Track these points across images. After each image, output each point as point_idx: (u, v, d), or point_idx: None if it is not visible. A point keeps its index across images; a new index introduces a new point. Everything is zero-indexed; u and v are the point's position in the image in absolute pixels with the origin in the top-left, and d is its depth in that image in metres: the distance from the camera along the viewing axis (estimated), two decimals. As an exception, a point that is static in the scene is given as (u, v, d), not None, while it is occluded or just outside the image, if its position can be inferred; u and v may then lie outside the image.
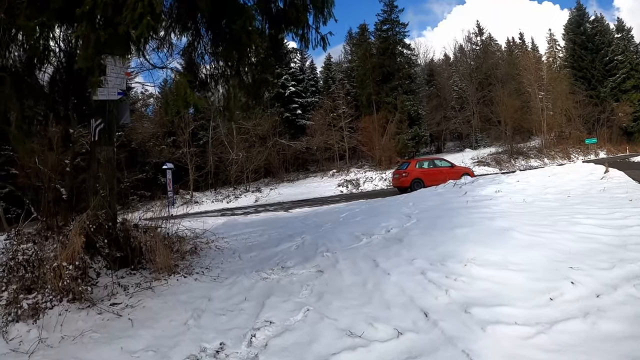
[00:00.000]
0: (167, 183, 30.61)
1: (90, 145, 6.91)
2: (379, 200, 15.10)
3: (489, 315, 3.89)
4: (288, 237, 9.16)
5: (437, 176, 20.37)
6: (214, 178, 38.36)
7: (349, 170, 40.22)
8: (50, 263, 5.06)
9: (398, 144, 40.82)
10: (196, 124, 39.21)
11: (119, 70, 6.74)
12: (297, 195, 29.48)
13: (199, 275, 6.31)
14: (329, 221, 10.79)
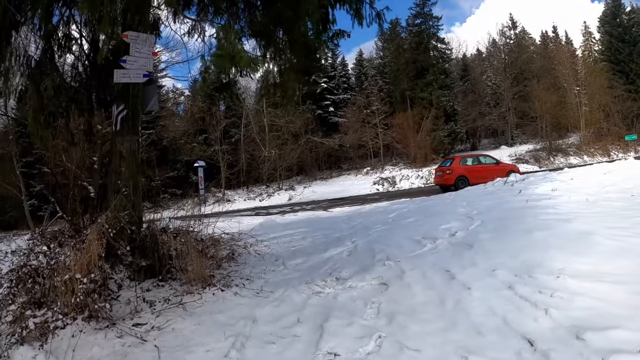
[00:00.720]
0: (199, 181, 30.45)
1: (112, 135, 6.06)
2: (425, 199, 13.99)
3: (605, 341, 3.15)
4: (336, 241, 8.15)
5: (482, 173, 19.38)
6: (246, 176, 38.12)
7: (383, 168, 39.25)
8: (62, 274, 4.10)
9: (434, 141, 39.40)
10: (228, 121, 39.02)
11: (145, 49, 5.82)
12: (332, 193, 28.70)
13: (239, 288, 5.34)
14: (378, 222, 9.75)
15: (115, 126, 5.87)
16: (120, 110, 5.84)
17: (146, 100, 6.35)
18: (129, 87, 5.87)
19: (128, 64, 5.64)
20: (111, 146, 6.01)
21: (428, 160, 37.59)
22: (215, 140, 36.13)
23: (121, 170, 5.68)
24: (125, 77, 5.63)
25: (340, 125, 42.46)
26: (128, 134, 5.86)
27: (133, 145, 5.91)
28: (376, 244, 7.20)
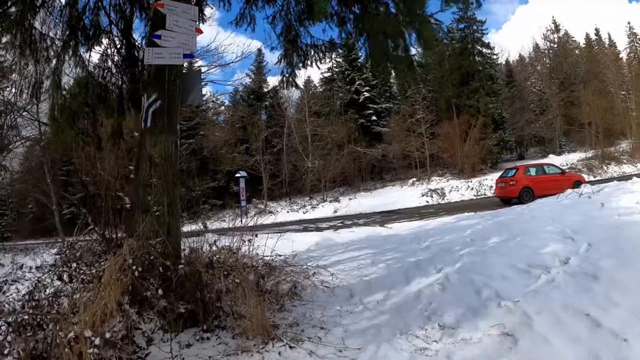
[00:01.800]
0: (240, 192, 30.21)
1: (140, 134, 4.88)
2: (496, 214, 12.45)
3: None
4: (415, 267, 6.75)
5: (548, 184, 17.89)
6: (289, 187, 37.95)
7: (429, 178, 37.94)
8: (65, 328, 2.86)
9: (482, 150, 37.71)
10: (270, 131, 38.82)
11: (186, 22, 4.64)
12: (379, 205, 27.33)
13: (314, 344, 3.94)
14: (456, 243, 8.31)
15: (145, 122, 4.71)
16: (152, 102, 4.69)
17: (187, 89, 5.16)
18: (164, 72, 4.72)
19: (164, 39, 4.46)
20: (138, 149, 4.84)
21: (476, 170, 36.19)
22: (257, 150, 36.19)
23: (152, 182, 4.49)
24: (159, 57, 4.47)
25: (384, 135, 41.79)
26: (162, 133, 4.69)
27: (169, 148, 4.72)
28: (473, 274, 5.75)
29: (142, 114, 4.78)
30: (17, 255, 18.49)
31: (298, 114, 40.86)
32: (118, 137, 6.64)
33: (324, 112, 41.06)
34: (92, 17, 6.35)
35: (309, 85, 43.73)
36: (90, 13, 6.37)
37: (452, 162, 38.98)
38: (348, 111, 41.71)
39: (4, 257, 17.42)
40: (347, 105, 42.18)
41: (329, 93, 45.20)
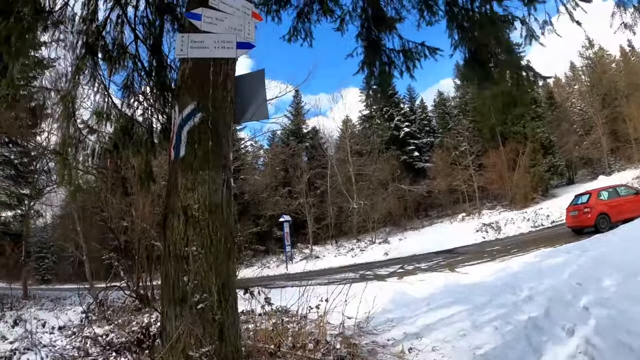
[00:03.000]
0: (285, 237, 29.62)
1: (169, 170, 3.46)
2: (580, 248, 10.89)
3: None
4: (535, 330, 5.28)
5: (624, 207, 16.46)
6: (335, 229, 37.26)
7: (480, 212, 36.36)
8: None
9: (533, 178, 35.93)
10: (312, 172, 38.48)
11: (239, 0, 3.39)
12: (432, 245, 25.62)
13: None
14: (563, 290, 6.82)
15: (176, 149, 3.35)
16: (188, 116, 3.32)
17: (244, 97, 3.74)
18: (207, 70, 3.40)
19: (206, 21, 3.26)
20: (167, 195, 3.44)
21: (528, 199, 34.59)
22: (300, 193, 35.83)
23: (189, 252, 3.06)
24: (199, 47, 3.27)
25: (428, 170, 41.28)
26: (205, 167, 3.28)
27: (217, 193, 3.29)
28: (622, 334, 4.30)
29: (172, 136, 3.39)
30: (45, 304, 18.05)
31: (339, 153, 40.37)
32: (148, 179, 5.43)
33: (365, 151, 40.64)
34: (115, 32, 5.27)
35: (348, 124, 43.45)
36: (112, 28, 5.30)
37: (502, 192, 37.57)
38: (389, 148, 41.21)
39: (32, 307, 16.62)
40: (387, 143, 41.74)
41: (368, 131, 44.88)
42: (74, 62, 5.48)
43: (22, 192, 25.76)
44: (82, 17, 5.43)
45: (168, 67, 5.69)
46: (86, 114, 6.19)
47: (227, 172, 3.44)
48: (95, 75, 5.53)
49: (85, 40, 5.25)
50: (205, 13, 3.36)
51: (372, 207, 34.32)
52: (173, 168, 3.39)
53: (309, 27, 7.28)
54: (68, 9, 5.42)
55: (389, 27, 6.46)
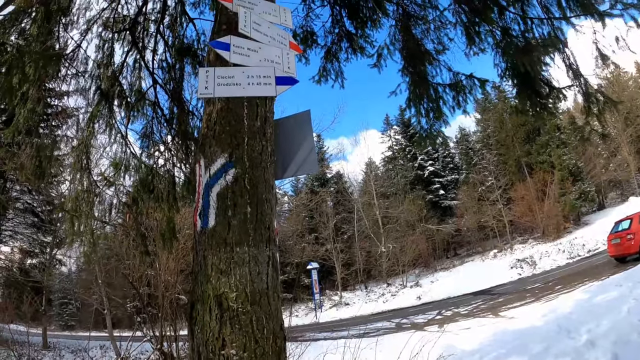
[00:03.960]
0: (313, 284, 29.10)
1: (194, 245, 2.73)
2: (631, 278, 10.10)
3: None
4: None
5: None
6: (364, 274, 36.56)
7: (512, 247, 35.12)
8: None
9: (565, 207, 34.86)
10: (338, 217, 38.23)
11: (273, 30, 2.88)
12: (467, 285, 24.78)
13: None
14: (627, 331, 6.17)
15: (204, 218, 2.62)
16: (217, 174, 2.63)
17: (288, 146, 3.01)
18: (240, 114, 2.74)
19: (235, 52, 2.59)
20: (193, 280, 2.67)
21: (561, 230, 33.40)
22: (327, 238, 35.26)
23: (227, 355, 2.31)
24: (228, 83, 2.57)
25: (455, 208, 40.78)
26: (243, 241, 2.52)
27: (260, 277, 2.51)
28: None
29: (197, 198, 2.69)
30: (65, 356, 17.86)
31: (365, 197, 40.06)
32: (170, 237, 4.87)
33: (391, 192, 40.67)
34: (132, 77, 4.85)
35: (372, 166, 43.47)
36: (130, 73, 4.89)
37: (533, 225, 36.32)
38: (414, 188, 41.24)
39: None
40: (412, 183, 41.84)
41: (392, 172, 44.90)
42: (88, 109, 5.09)
43: (44, 240, 25.66)
44: (96, 61, 5.05)
45: (190, 113, 5.28)
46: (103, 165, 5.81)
47: (272, 246, 2.68)
48: (112, 124, 5.12)
49: (100, 86, 4.83)
50: (235, 42, 2.72)
51: (401, 250, 33.75)
52: (200, 242, 2.63)
53: (339, 66, 6.88)
54: (80, 52, 5.07)
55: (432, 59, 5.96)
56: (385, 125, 49.51)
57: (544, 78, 5.68)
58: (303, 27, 6.84)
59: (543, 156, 37.46)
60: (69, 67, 5.05)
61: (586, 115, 5.40)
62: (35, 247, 26.24)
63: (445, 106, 6.03)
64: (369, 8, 6.48)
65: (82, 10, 5.29)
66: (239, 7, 2.74)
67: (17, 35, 4.48)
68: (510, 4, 5.45)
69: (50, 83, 5.33)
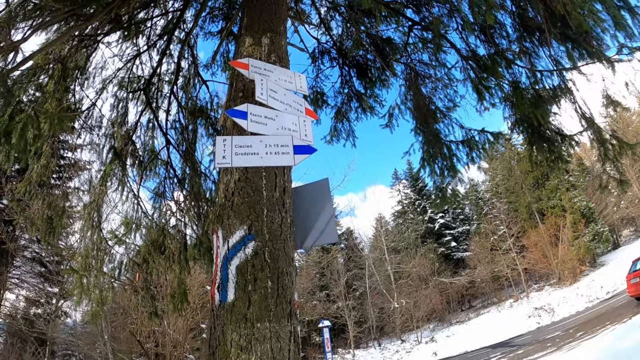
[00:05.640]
0: (325, 342, 27.76)
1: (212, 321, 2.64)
2: None
3: None
4: None
5: None
6: (377, 331, 36.13)
7: (528, 295, 34.66)
8: None
9: (580, 250, 34.18)
10: (349, 274, 37.89)
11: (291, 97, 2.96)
12: (484, 339, 24.22)
13: None
14: None
15: (223, 292, 2.55)
16: (237, 246, 2.57)
17: (306, 218, 2.95)
18: (259, 184, 2.74)
19: (253, 120, 2.59)
20: (210, 352, 2.56)
21: (577, 273, 32.92)
22: (339, 296, 34.83)
23: None
24: (245, 153, 2.58)
25: (467, 260, 40.64)
26: (264, 318, 2.45)
27: (280, 354, 2.45)
28: None
29: (215, 271, 2.62)
30: None
31: (376, 252, 39.78)
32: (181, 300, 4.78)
33: (402, 247, 40.46)
34: (146, 137, 4.90)
35: (382, 221, 43.32)
36: (143, 132, 4.94)
37: (548, 271, 36.09)
38: (425, 242, 41.06)
39: None
40: (423, 236, 41.72)
41: (402, 226, 44.95)
42: (101, 167, 5.14)
43: (50, 291, 25.39)
44: (110, 119, 5.14)
45: (202, 174, 5.29)
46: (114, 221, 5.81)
47: (294, 320, 2.62)
48: (124, 182, 5.14)
49: (113, 145, 4.89)
50: (252, 110, 2.72)
51: (414, 305, 33.22)
52: (218, 316, 2.56)
53: (349, 126, 6.98)
54: (95, 110, 5.17)
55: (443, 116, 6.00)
56: (394, 179, 50.18)
57: (555, 127, 5.69)
58: (313, 88, 7.00)
59: (554, 200, 37.37)
60: (83, 125, 5.16)
61: (602, 163, 5.36)
62: (41, 296, 26.01)
63: (459, 163, 6.04)
64: (377, 68, 6.61)
65: (99, 70, 5.48)
66: (255, 75, 2.77)
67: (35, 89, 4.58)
68: (517, 58, 5.52)
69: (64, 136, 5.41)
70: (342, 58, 6.80)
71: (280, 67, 3.06)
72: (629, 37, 4.54)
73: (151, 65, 5.81)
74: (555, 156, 5.64)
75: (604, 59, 4.69)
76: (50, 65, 4.57)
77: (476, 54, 5.77)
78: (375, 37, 6.37)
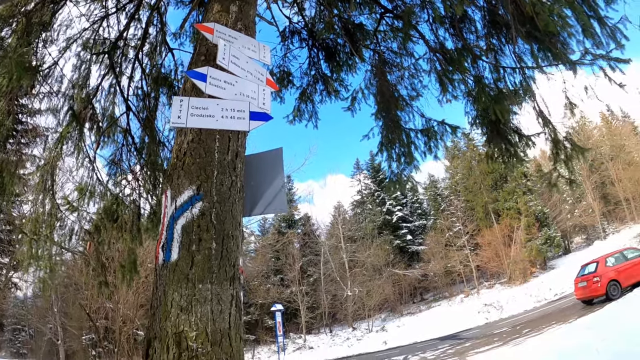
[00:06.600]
0: (277, 326, 27.81)
1: (155, 280, 2.61)
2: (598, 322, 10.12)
3: None
4: None
5: (633, 271, 16.43)
6: (329, 318, 36.41)
7: (479, 292, 35.60)
8: None
9: (531, 252, 35.47)
10: (305, 259, 37.95)
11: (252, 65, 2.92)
12: (433, 331, 24.64)
13: None
14: None
15: (167, 251, 2.52)
16: (184, 206, 2.55)
17: (256, 185, 2.97)
18: (211, 146, 2.73)
19: (211, 84, 2.55)
20: (151, 312, 2.57)
21: (527, 274, 34.18)
22: (293, 280, 34.87)
23: None
24: (201, 114, 2.54)
25: (422, 254, 40.98)
26: (206, 279, 2.43)
27: (221, 317, 2.43)
28: None
29: (161, 229, 2.59)
30: None
31: (332, 240, 39.94)
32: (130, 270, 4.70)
33: (358, 237, 40.70)
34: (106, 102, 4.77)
35: (340, 210, 43.53)
36: (104, 97, 4.80)
37: (500, 270, 37.12)
38: (382, 233, 41.20)
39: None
40: (380, 227, 41.88)
41: (360, 217, 45.11)
42: (58, 129, 4.97)
43: (1, 261, 24.53)
44: (71, 80, 4.95)
45: (161, 144, 5.16)
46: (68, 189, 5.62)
47: (237, 284, 2.60)
48: (81, 147, 4.97)
49: (72, 106, 4.72)
50: (212, 73, 2.68)
51: (367, 294, 33.70)
52: (161, 275, 2.52)
53: (313, 107, 6.96)
54: (57, 70, 4.98)
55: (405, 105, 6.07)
56: (356, 169, 50.13)
57: (514, 126, 5.82)
58: (280, 67, 6.95)
59: (510, 203, 38.26)
60: (43, 83, 4.95)
61: (554, 162, 5.53)
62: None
63: (416, 151, 6.15)
64: (346, 53, 6.61)
65: (64, 28, 5.26)
66: (219, 39, 2.75)
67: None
68: (483, 54, 5.61)
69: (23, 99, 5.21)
70: (312, 40, 6.78)
71: (245, 35, 3.04)
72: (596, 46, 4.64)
73: (118, 29, 5.63)
74: (511, 153, 5.78)
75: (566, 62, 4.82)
76: (15, 18, 4.40)
77: (444, 46, 5.84)
78: (347, 22, 6.36)
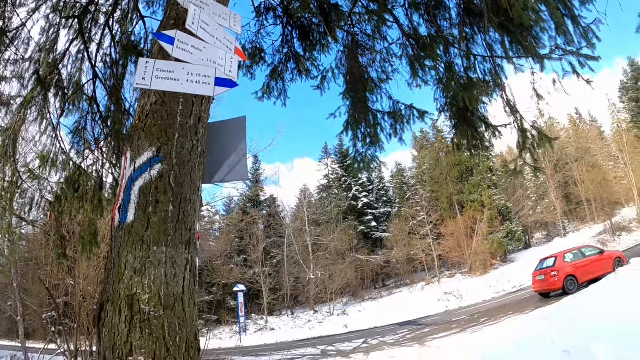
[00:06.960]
0: (239, 307, 28.48)
1: (111, 242, 2.57)
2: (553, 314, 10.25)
3: None
4: None
5: (590, 268, 17.07)
6: (291, 300, 36.37)
7: (439, 281, 36.32)
8: None
9: (493, 244, 36.30)
10: (268, 241, 37.85)
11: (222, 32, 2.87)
12: (394, 316, 24.97)
13: None
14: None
15: (123, 212, 2.50)
16: (143, 167, 2.53)
17: (219, 150, 2.95)
18: (174, 109, 2.68)
19: (179, 47, 2.52)
20: (105, 277, 2.53)
21: (488, 266, 34.91)
22: (256, 261, 34.75)
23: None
24: (166, 77, 2.48)
25: (386, 240, 41.15)
26: (162, 241, 2.39)
27: (177, 279, 2.40)
28: None
29: (119, 191, 2.56)
30: None
31: (297, 223, 40.03)
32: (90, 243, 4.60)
33: (323, 221, 40.67)
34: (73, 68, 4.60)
35: (306, 193, 43.43)
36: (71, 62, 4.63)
37: (461, 260, 37.71)
38: (347, 218, 41.42)
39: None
40: (345, 213, 42.02)
41: (326, 201, 44.93)
42: (22, 92, 4.78)
43: None
44: (39, 44, 4.76)
45: (127, 113, 5.02)
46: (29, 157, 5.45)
47: (192, 249, 2.55)
48: (44, 114, 4.81)
49: (38, 70, 4.55)
50: (180, 37, 2.62)
51: (329, 278, 33.84)
52: (116, 237, 2.48)
53: (283, 85, 6.89)
54: (24, 32, 4.78)
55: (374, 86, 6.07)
56: (324, 153, 49.79)
57: (482, 115, 5.88)
58: (253, 43, 6.84)
59: (474, 195, 38.92)
60: (9, 45, 4.74)
61: (520, 150, 5.59)
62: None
63: (382, 133, 6.15)
64: (320, 32, 6.55)
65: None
66: (189, 4, 2.67)
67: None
68: (456, 42, 5.64)
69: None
70: (287, 17, 6.69)
71: (217, 2, 2.99)
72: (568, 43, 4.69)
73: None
74: (477, 142, 5.84)
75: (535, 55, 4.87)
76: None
77: (418, 32, 5.83)
78: (323, 2, 6.31)
